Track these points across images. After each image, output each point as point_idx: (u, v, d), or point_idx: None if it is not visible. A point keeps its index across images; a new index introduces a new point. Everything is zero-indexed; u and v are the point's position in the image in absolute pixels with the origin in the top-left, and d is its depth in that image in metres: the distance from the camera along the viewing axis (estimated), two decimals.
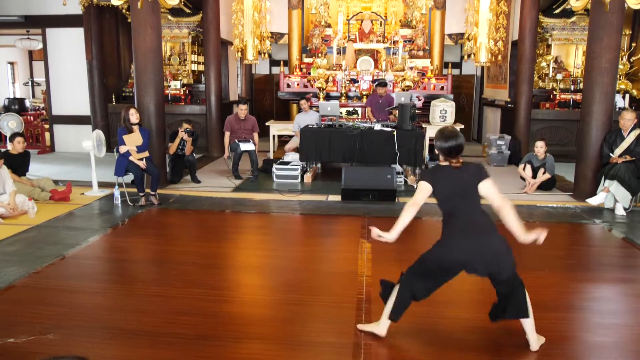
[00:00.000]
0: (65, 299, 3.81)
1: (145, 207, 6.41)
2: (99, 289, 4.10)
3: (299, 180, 7.79)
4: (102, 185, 7.18)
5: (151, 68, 6.93)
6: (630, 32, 10.38)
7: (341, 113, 9.32)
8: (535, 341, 3.11)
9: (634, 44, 10.25)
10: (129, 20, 8.41)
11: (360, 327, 3.34)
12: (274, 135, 9.70)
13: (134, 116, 6.45)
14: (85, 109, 10.48)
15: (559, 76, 10.37)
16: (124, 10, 10.13)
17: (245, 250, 5.28)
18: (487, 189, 2.98)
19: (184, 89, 10.94)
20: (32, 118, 12.69)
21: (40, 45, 11.80)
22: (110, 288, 4.12)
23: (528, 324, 3.09)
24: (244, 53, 10.62)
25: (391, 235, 3.12)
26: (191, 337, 3.24)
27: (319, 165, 8.48)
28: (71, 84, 10.53)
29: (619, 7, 6.23)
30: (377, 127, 7.72)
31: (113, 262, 4.79)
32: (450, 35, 11.77)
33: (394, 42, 11.11)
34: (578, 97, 9.79)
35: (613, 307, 3.87)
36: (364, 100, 9.88)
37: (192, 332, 3.30)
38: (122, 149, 6.41)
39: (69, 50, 10.41)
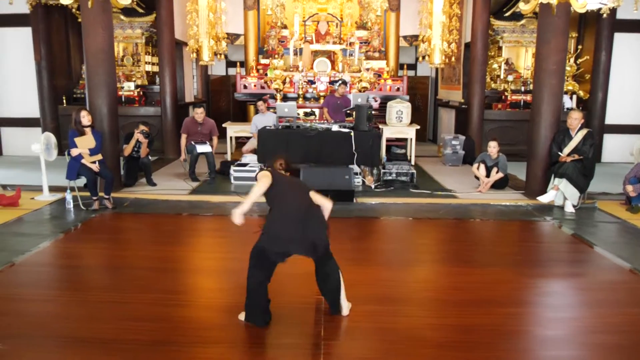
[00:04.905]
0: (14, 308, 3.67)
1: (99, 212, 6.23)
2: (50, 296, 3.96)
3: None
4: (53, 189, 6.94)
5: (103, 69, 6.76)
6: (577, 34, 10.79)
7: (298, 114, 9.32)
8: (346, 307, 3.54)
9: (580, 47, 10.66)
10: (79, 19, 8.16)
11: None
12: (231, 137, 9.61)
13: (85, 118, 6.27)
14: (34, 111, 10.10)
15: (510, 77, 10.68)
16: (73, 10, 9.81)
17: (201, 253, 5.21)
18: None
19: (138, 90, 10.70)
20: None
21: None
22: (62, 295, 3.98)
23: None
24: (199, 54, 10.49)
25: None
26: (146, 343, 3.17)
27: None
28: (19, 85, 10.13)
29: (566, 11, 6.47)
30: (335, 128, 7.76)
31: (65, 269, 4.62)
32: (405, 37, 11.97)
33: (350, 44, 11.20)
34: (528, 97, 10.10)
35: (563, 301, 4.00)
36: (321, 101, 9.92)
37: (147, 338, 3.23)
38: (74, 152, 6.21)
39: (16, 50, 10.02)
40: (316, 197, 3.47)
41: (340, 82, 9.19)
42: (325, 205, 3.46)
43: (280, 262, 3.33)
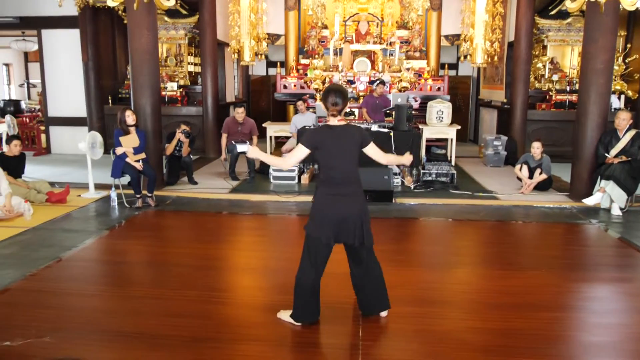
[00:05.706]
0: (61, 302, 3.80)
1: (142, 209, 6.40)
2: (95, 291, 4.09)
3: (296, 181, 7.79)
4: (98, 187, 7.16)
5: (147, 69, 6.92)
6: (625, 33, 10.41)
7: None
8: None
9: (629, 45, 10.28)
10: (125, 21, 8.39)
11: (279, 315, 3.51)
12: (271, 137, 9.69)
13: (130, 118, 6.44)
14: (81, 111, 10.44)
15: (555, 77, 10.39)
16: (120, 12, 10.10)
17: (241, 251, 5.28)
18: (371, 151, 3.37)
19: (181, 90, 10.92)
20: (27, 120, 12.64)
21: (36, 47, 11.77)
22: (107, 290, 4.11)
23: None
24: (240, 54, 10.62)
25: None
26: (187, 339, 3.23)
27: (315, 166, 8.48)
28: (67, 85, 10.51)
29: (614, 9, 6.25)
30: (374, 128, 7.72)
31: (109, 265, 4.76)
32: (446, 37, 11.80)
33: (390, 43, 11.12)
34: (574, 97, 9.82)
35: (609, 307, 3.87)
36: (361, 101, 9.89)
37: (189, 334, 3.29)
38: (119, 151, 6.39)
39: (65, 51, 10.39)
40: (377, 154, 3.39)
41: (378, 82, 9.15)
42: (393, 160, 3.54)
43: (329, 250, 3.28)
